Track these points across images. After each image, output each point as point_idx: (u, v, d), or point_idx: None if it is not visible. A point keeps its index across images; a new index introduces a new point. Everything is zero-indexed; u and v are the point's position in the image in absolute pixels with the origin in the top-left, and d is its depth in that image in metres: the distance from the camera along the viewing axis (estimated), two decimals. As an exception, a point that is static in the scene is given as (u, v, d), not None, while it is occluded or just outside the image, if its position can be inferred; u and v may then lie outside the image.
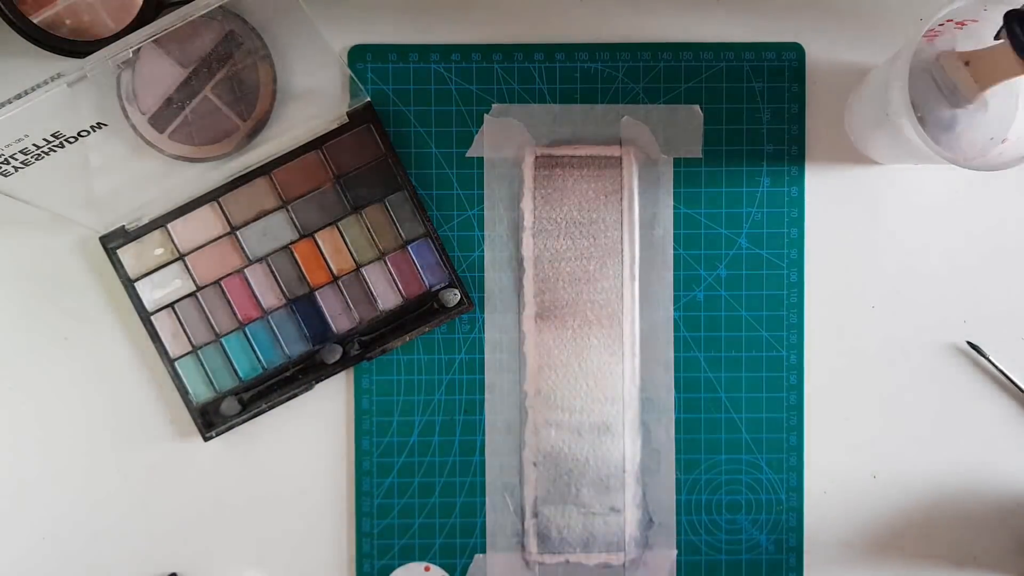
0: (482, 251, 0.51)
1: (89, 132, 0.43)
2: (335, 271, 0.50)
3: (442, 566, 0.50)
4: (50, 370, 0.51)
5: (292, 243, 0.50)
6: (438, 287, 0.50)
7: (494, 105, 0.51)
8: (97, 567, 0.51)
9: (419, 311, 0.50)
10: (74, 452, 0.51)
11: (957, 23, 0.43)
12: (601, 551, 0.50)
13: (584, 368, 0.51)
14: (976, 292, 0.51)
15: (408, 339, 0.50)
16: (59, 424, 0.51)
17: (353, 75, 0.49)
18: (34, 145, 0.41)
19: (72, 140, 0.42)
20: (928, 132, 0.41)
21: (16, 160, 0.41)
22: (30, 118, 0.39)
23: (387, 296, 0.50)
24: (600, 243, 0.51)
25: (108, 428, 0.51)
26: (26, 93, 0.38)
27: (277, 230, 0.50)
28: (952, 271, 0.51)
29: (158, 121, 0.48)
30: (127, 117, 0.47)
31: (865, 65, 0.51)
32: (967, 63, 0.43)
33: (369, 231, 0.50)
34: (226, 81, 0.48)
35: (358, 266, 0.50)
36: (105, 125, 0.43)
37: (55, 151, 0.42)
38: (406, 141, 0.51)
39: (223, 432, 0.50)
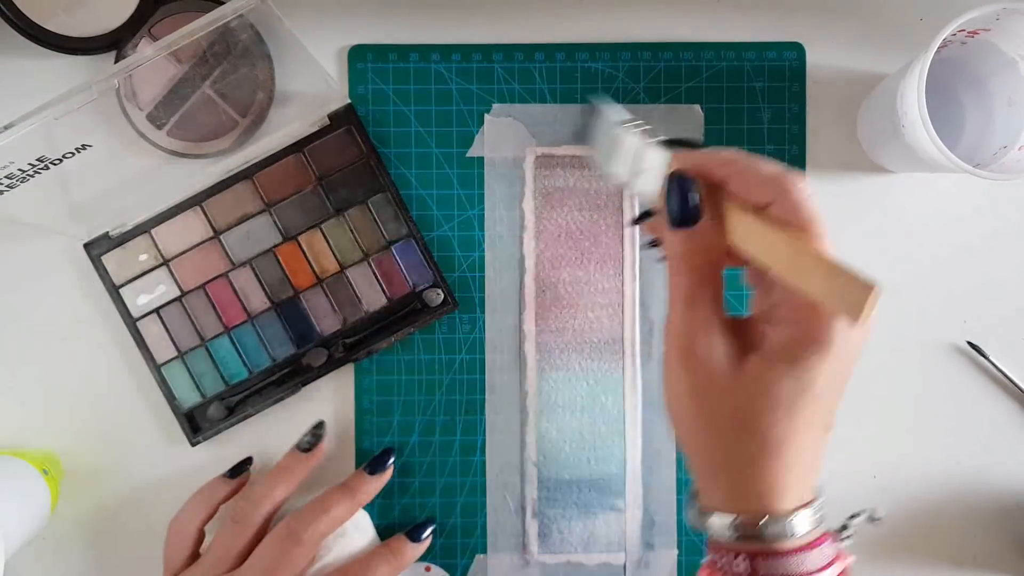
0: (483, 251, 0.51)
1: (73, 154, 0.42)
2: (319, 273, 0.50)
3: (443, 566, 0.50)
4: (36, 377, 0.50)
5: (276, 246, 0.50)
6: (422, 287, 0.50)
7: (495, 105, 0.51)
8: (85, 571, 0.50)
9: (404, 311, 0.50)
10: (61, 459, 0.50)
11: (969, 32, 0.43)
12: (602, 551, 0.50)
13: (584, 368, 0.50)
14: (976, 292, 0.51)
15: (394, 340, 0.49)
16: (45, 431, 0.50)
17: (330, 77, 0.47)
18: (19, 170, 0.41)
19: (56, 162, 0.42)
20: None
21: (1, 185, 0.41)
22: (15, 147, 0.39)
23: (372, 297, 0.50)
24: (601, 243, 0.51)
25: (95, 434, 0.50)
26: (7, 127, 0.38)
27: (260, 233, 0.50)
28: (952, 271, 0.51)
29: (156, 117, 0.47)
30: (125, 113, 0.47)
31: (866, 64, 0.51)
32: None
33: (352, 232, 0.50)
34: (224, 77, 0.48)
35: (342, 268, 0.50)
36: (89, 146, 0.42)
37: (40, 173, 0.42)
38: (407, 141, 0.50)
39: (211, 437, 0.49)
